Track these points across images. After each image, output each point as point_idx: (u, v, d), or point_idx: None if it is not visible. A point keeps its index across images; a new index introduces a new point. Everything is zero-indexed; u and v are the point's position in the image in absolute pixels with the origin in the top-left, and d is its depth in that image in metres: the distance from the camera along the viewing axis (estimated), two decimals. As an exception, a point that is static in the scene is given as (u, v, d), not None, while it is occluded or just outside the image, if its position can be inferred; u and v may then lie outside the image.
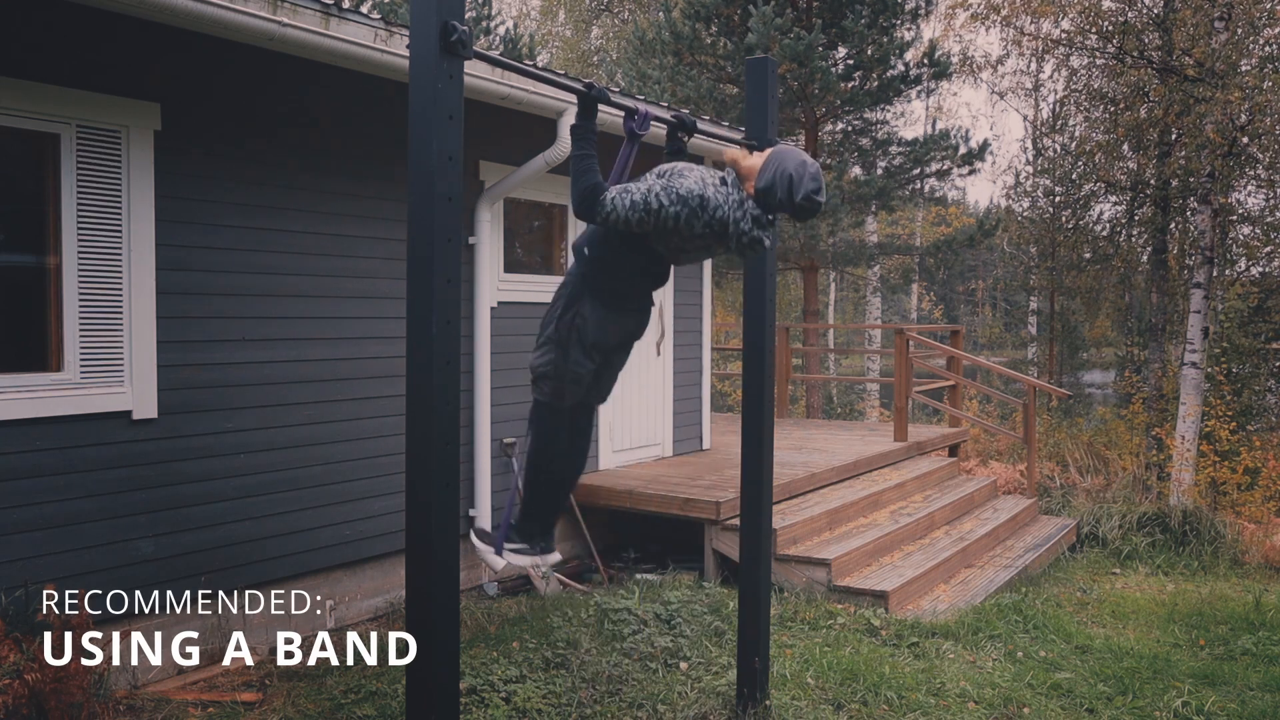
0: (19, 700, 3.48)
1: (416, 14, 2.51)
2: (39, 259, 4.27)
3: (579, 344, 3.30)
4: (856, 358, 31.17)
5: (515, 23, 24.20)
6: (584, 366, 3.33)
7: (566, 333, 3.30)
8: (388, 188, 5.61)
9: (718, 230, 3.08)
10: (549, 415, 3.43)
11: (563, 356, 3.31)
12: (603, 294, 3.29)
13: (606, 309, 3.30)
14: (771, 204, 3.11)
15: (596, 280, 3.29)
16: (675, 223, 3.05)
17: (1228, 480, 12.26)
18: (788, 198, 3.07)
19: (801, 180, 3.07)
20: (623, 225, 3.10)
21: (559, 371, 3.33)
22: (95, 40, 4.32)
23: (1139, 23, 14.40)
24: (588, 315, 3.28)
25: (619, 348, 3.44)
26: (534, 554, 3.59)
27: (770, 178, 3.09)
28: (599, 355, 3.37)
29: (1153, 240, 15.99)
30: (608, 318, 3.31)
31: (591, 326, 3.29)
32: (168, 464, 4.62)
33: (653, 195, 3.05)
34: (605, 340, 3.34)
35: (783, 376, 11.28)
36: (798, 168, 3.08)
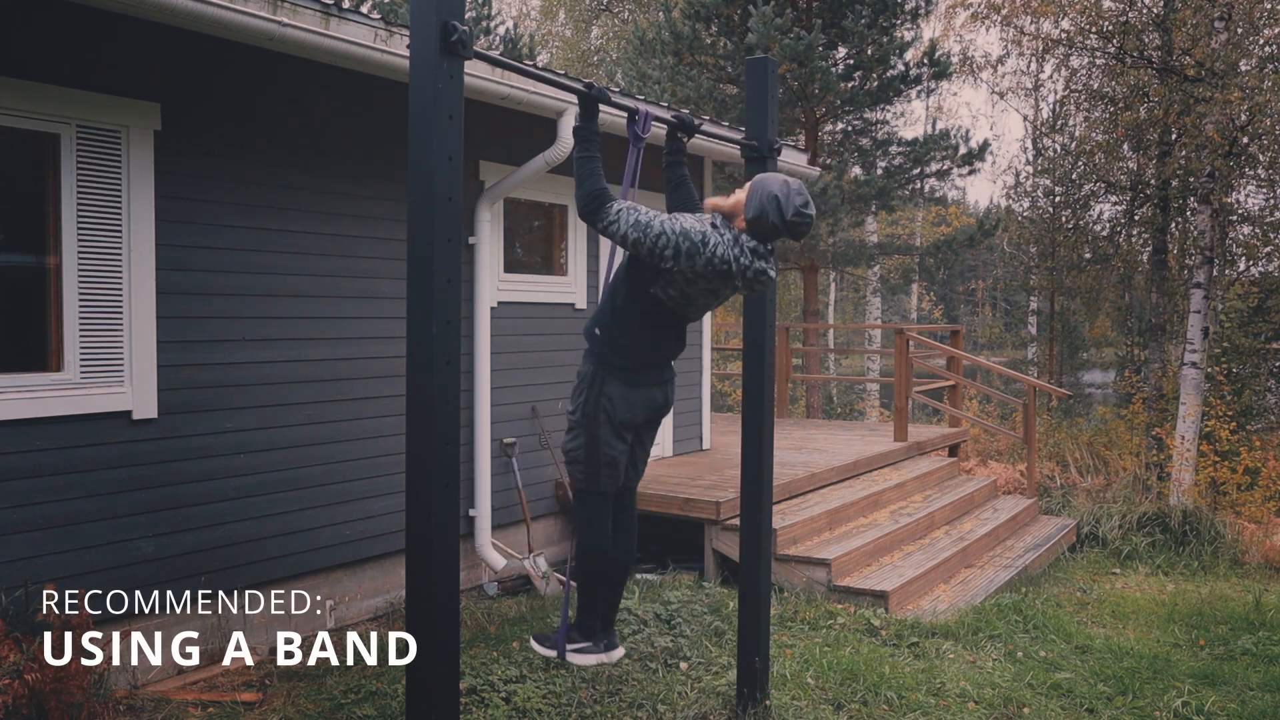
0: (19, 700, 3.48)
1: (416, 14, 2.51)
2: (39, 259, 4.27)
3: (608, 424, 3.29)
4: (856, 358, 31.18)
5: (515, 23, 24.20)
6: (616, 448, 3.32)
7: (594, 414, 3.28)
8: (388, 188, 5.61)
9: (721, 270, 3.09)
10: (591, 502, 3.41)
11: (593, 439, 3.30)
12: (623, 370, 3.27)
13: (630, 385, 3.28)
14: (766, 230, 3.13)
15: (613, 358, 3.27)
16: (675, 254, 3.04)
17: (1228, 480, 12.26)
18: (779, 218, 3.09)
19: (789, 198, 3.10)
20: (619, 240, 3.09)
21: (591, 455, 3.32)
22: (95, 40, 4.32)
23: (1139, 23, 14.41)
24: (613, 394, 3.27)
25: (648, 423, 3.43)
26: (599, 651, 3.51)
27: (758, 205, 3.11)
28: (629, 433, 3.37)
29: (1153, 240, 15.99)
30: (633, 394, 3.29)
31: (619, 405, 3.28)
32: (168, 464, 4.62)
33: (656, 220, 3.07)
34: (634, 418, 3.33)
35: (783, 376, 11.28)
36: (780, 187, 3.12)
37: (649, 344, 3.30)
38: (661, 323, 3.28)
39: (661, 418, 3.47)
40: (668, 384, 3.42)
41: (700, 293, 3.17)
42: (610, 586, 3.53)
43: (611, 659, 3.55)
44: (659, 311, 3.24)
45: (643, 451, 3.51)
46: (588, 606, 3.51)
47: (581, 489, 3.41)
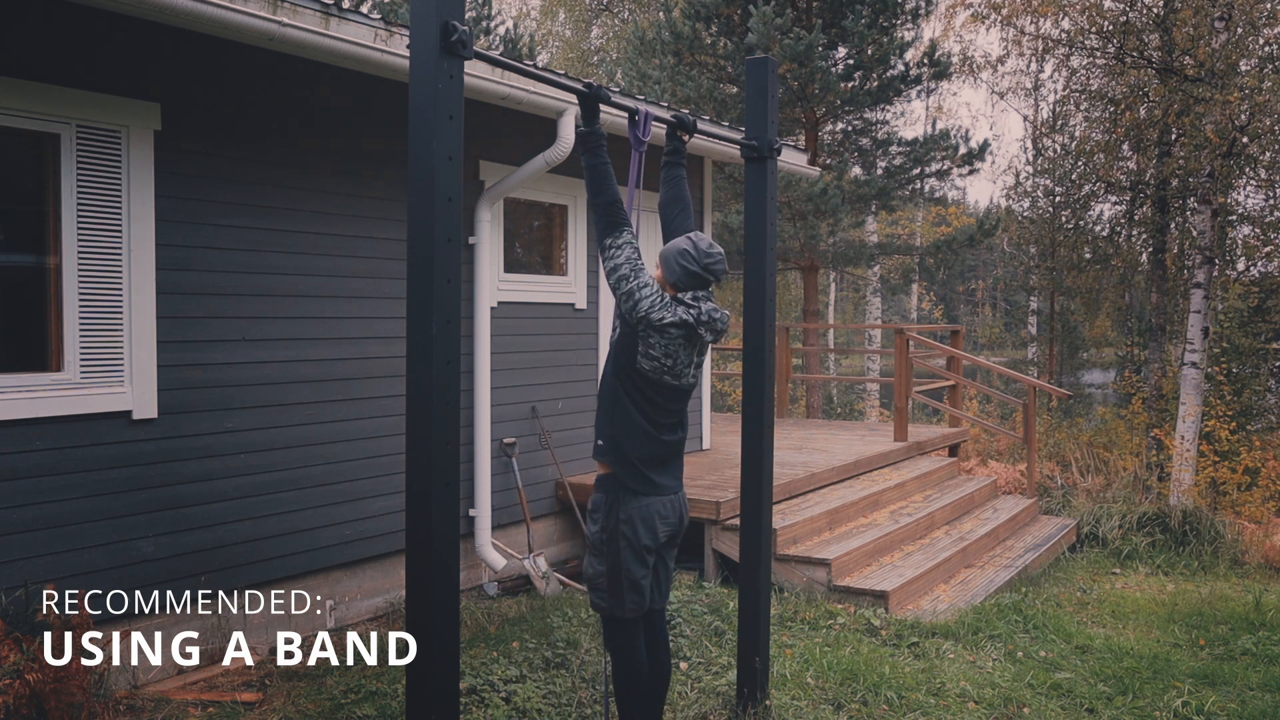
0: (19, 700, 3.48)
1: (416, 14, 2.51)
2: (39, 259, 4.27)
3: (630, 548, 3.30)
4: (856, 358, 31.18)
5: (515, 23, 24.20)
6: (638, 572, 3.33)
7: (614, 539, 3.30)
8: (388, 188, 5.61)
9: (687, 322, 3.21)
10: (620, 628, 3.42)
11: (615, 564, 3.31)
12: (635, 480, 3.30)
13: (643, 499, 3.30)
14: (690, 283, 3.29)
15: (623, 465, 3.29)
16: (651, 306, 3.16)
17: (1227, 480, 12.26)
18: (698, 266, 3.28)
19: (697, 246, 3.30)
20: (611, 267, 3.20)
21: (614, 580, 3.33)
22: (95, 40, 4.32)
23: (1139, 23, 14.41)
24: (633, 516, 3.29)
25: (669, 542, 3.44)
26: None
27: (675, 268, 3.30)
28: (652, 556, 3.38)
29: (1152, 240, 15.99)
30: (648, 510, 3.31)
31: (640, 529, 3.30)
32: (168, 464, 4.62)
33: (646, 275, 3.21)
34: (655, 539, 3.34)
35: (783, 376, 11.28)
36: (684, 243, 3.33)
37: (651, 432, 3.31)
38: (657, 403, 3.32)
39: (680, 535, 3.49)
40: (679, 494, 3.45)
41: (679, 347, 3.25)
42: (649, 710, 3.54)
43: None
44: (653, 390, 3.29)
45: (666, 572, 3.52)
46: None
47: (608, 617, 3.42)
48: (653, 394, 3.29)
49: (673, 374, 3.28)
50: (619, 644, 3.44)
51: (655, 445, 3.33)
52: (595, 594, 3.40)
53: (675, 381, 3.31)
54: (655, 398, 3.30)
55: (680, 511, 3.44)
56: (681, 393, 3.37)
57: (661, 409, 3.33)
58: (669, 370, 3.26)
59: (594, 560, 3.37)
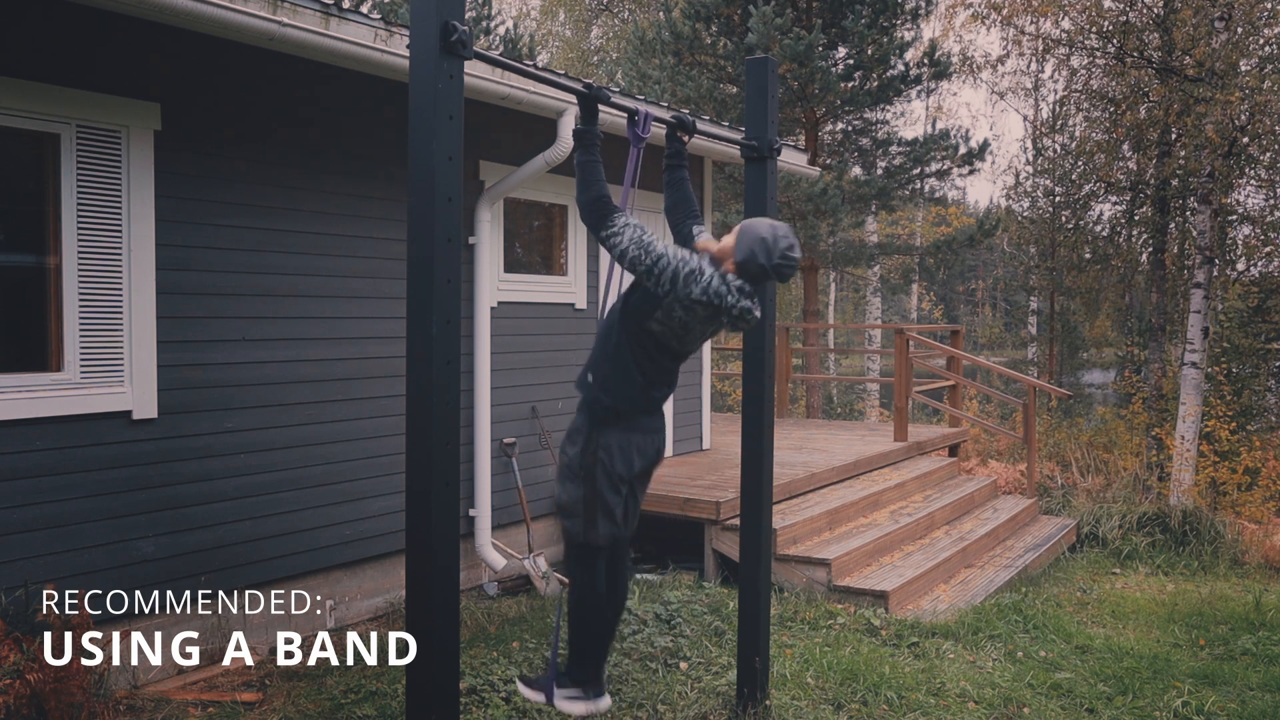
0: (19, 700, 3.48)
1: (416, 14, 2.51)
2: (39, 259, 4.27)
3: (605, 477, 3.30)
4: (856, 358, 31.18)
5: (515, 23, 24.19)
6: (612, 500, 3.33)
7: (590, 466, 3.29)
8: (388, 188, 5.61)
9: (714, 303, 3.13)
10: (586, 555, 3.42)
11: (590, 490, 3.31)
12: (618, 417, 3.28)
13: (625, 432, 3.30)
14: (753, 272, 3.20)
15: (607, 402, 3.27)
16: (674, 279, 3.08)
17: (1227, 480, 12.26)
18: (767, 260, 3.17)
19: (775, 241, 3.18)
20: (617, 253, 3.13)
21: (588, 507, 3.32)
22: (95, 40, 4.32)
23: (1139, 23, 14.41)
24: (610, 445, 3.28)
25: (642, 474, 3.44)
26: (588, 699, 3.52)
27: (747, 248, 3.18)
28: (625, 486, 3.37)
29: (1152, 240, 16.00)
30: (630, 444, 3.30)
31: (615, 457, 3.29)
32: (168, 464, 4.62)
33: (658, 243, 3.12)
34: (630, 470, 3.34)
35: (783, 376, 11.28)
36: (768, 231, 3.20)
37: (643, 384, 3.30)
38: (657, 360, 3.30)
39: (654, 469, 3.49)
40: (660, 433, 3.44)
41: (697, 321, 3.20)
42: (601, 638, 3.56)
43: (600, 708, 3.57)
44: (655, 348, 3.27)
45: (635, 504, 3.52)
46: (579, 656, 3.53)
47: (577, 543, 3.42)
48: (655, 353, 3.27)
49: (680, 341, 3.27)
50: (581, 570, 3.43)
51: (644, 399, 3.32)
52: (568, 520, 3.39)
53: (679, 347, 3.30)
54: (656, 356, 3.28)
55: (659, 447, 3.44)
56: (682, 356, 3.37)
57: (659, 367, 3.32)
58: (679, 337, 3.25)
59: (568, 486, 3.35)
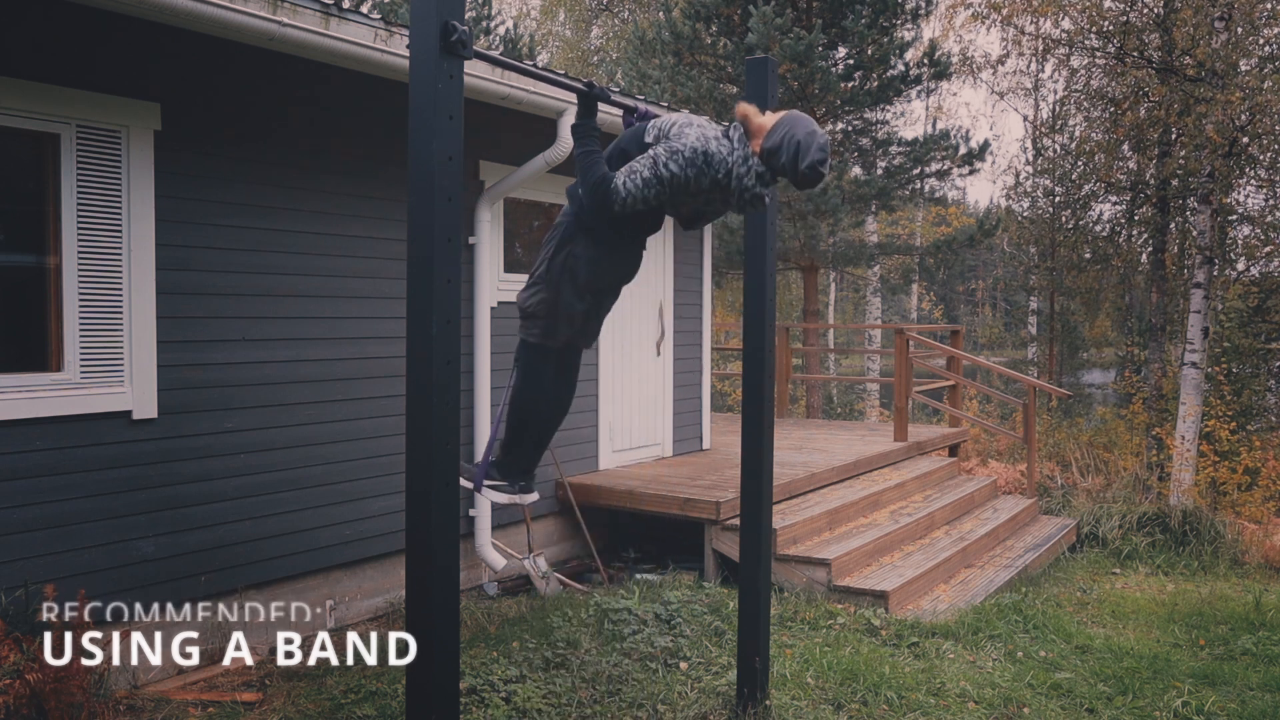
0: (19, 700, 3.48)
1: (416, 14, 2.51)
2: (39, 259, 4.27)
3: (571, 283, 3.31)
4: (856, 358, 31.18)
5: (515, 23, 24.20)
6: (575, 307, 3.34)
7: (559, 272, 3.30)
8: (388, 188, 5.61)
9: (722, 183, 3.11)
10: (537, 355, 3.45)
11: (555, 295, 3.32)
12: (596, 234, 3.28)
13: (599, 247, 3.30)
14: (775, 165, 3.11)
15: (589, 220, 3.27)
16: (686, 184, 3.09)
17: (1227, 480, 12.26)
18: (792, 163, 3.06)
19: (809, 149, 3.06)
20: (640, 205, 3.12)
21: (551, 310, 3.34)
22: (95, 40, 4.32)
23: (1139, 23, 14.41)
24: (580, 254, 3.28)
25: (610, 289, 3.45)
26: (513, 491, 3.57)
27: (779, 139, 3.09)
28: (590, 296, 3.38)
29: (1152, 240, 16.00)
30: (600, 257, 3.31)
31: (584, 266, 3.29)
32: (168, 464, 4.62)
33: (660, 165, 3.08)
34: (597, 281, 3.35)
35: (783, 376, 11.28)
36: (806, 136, 3.07)
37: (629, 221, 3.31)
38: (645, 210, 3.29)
39: (624, 285, 3.50)
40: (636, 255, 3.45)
41: (697, 203, 3.24)
42: (538, 437, 3.58)
43: (525, 500, 3.61)
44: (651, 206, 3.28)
45: (598, 316, 3.51)
46: (511, 449, 3.56)
47: (531, 343, 3.43)
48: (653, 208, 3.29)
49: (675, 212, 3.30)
50: (531, 368, 3.45)
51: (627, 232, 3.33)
52: (528, 322, 3.41)
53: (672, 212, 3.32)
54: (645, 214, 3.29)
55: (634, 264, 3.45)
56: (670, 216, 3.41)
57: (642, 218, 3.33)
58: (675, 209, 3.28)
59: (533, 290, 3.36)
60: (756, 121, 3.17)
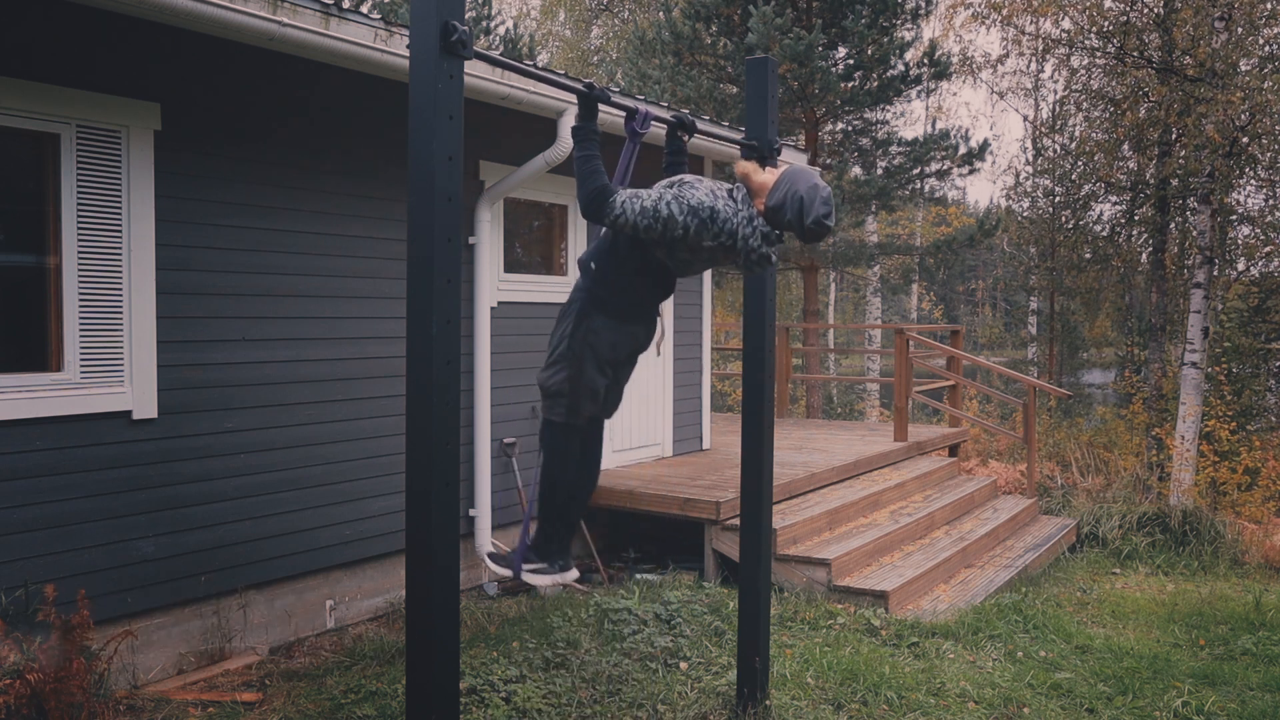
0: (19, 700, 3.48)
1: (416, 14, 2.51)
2: (39, 259, 4.27)
3: (593, 358, 3.32)
4: (856, 358, 31.18)
5: (515, 23, 24.19)
6: (598, 382, 3.36)
7: (580, 348, 3.30)
8: (388, 188, 5.61)
9: (726, 244, 3.11)
10: (562, 434, 3.43)
11: (577, 372, 3.32)
12: (612, 307, 3.31)
13: (618, 321, 3.32)
14: (780, 223, 3.15)
15: (604, 293, 3.30)
16: (685, 233, 3.07)
17: (1227, 480, 12.26)
18: (797, 219, 3.11)
19: (813, 204, 3.09)
20: (629, 230, 3.11)
21: (574, 388, 3.34)
22: (95, 40, 4.32)
23: (1139, 22, 14.41)
24: (600, 329, 3.30)
25: (628, 360, 3.47)
26: (553, 573, 3.56)
27: (781, 197, 3.12)
28: (612, 370, 3.40)
29: (1152, 240, 16.00)
30: (619, 330, 3.33)
31: (605, 341, 3.31)
32: (168, 464, 4.62)
33: (663, 203, 3.07)
34: (618, 354, 3.37)
35: (783, 376, 11.28)
36: (809, 190, 3.11)
37: (640, 288, 3.34)
38: (657, 275, 3.34)
39: (641, 353, 3.51)
40: (652, 323, 3.47)
41: (701, 260, 3.24)
42: (570, 513, 3.57)
43: (566, 579, 3.60)
44: (657, 267, 3.31)
45: (618, 388, 3.52)
46: (546, 531, 3.55)
47: (556, 422, 3.42)
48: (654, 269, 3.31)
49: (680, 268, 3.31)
50: (557, 446, 3.44)
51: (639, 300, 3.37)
52: (551, 401, 3.39)
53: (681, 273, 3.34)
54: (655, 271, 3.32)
55: (649, 333, 3.47)
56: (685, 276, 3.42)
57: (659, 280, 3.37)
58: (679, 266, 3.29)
59: (554, 369, 3.36)
60: (757, 180, 3.21)
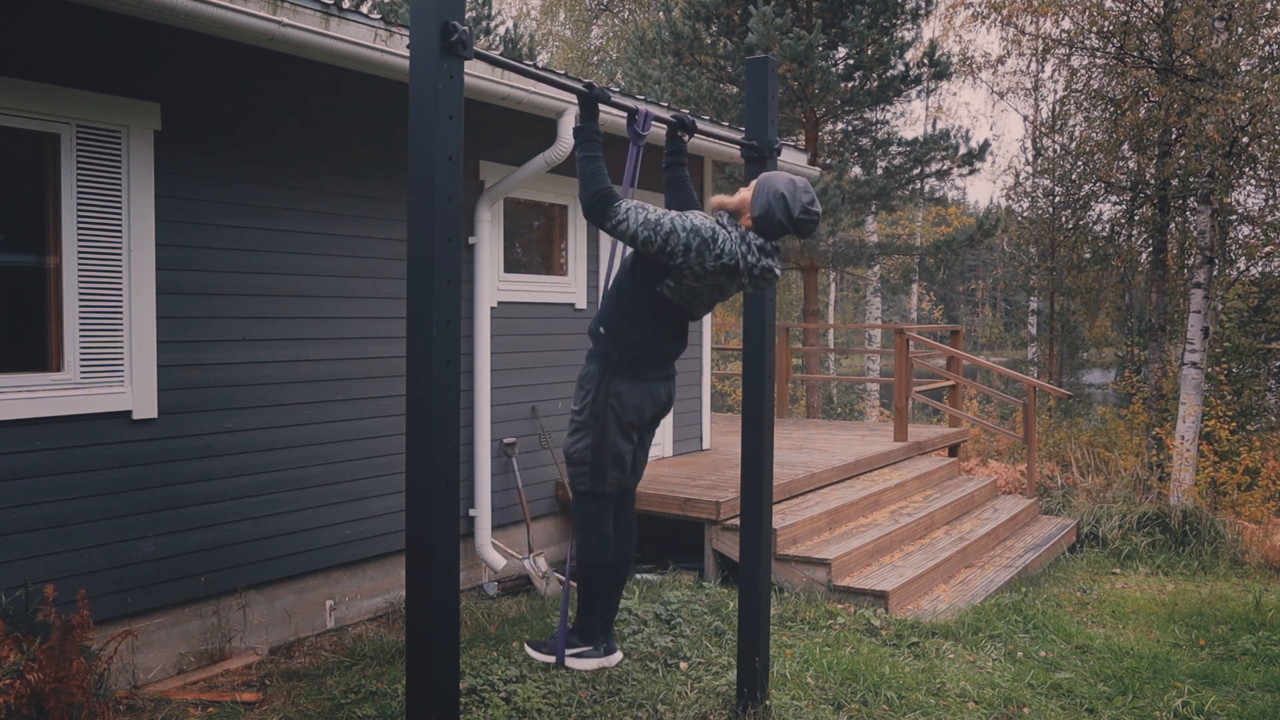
0: (20, 700, 3.48)
1: (416, 14, 2.51)
2: (39, 259, 4.27)
3: (616, 424, 3.28)
4: (856, 358, 31.18)
5: (515, 23, 24.19)
6: (623, 447, 3.32)
7: (602, 412, 3.27)
8: (387, 188, 5.61)
9: (729, 266, 3.10)
10: (594, 506, 3.39)
11: (600, 438, 3.29)
12: (630, 369, 3.28)
13: (638, 382, 3.29)
14: (772, 227, 3.16)
15: (620, 354, 3.27)
16: (686, 252, 3.05)
17: (1227, 480, 12.26)
18: (786, 216, 3.13)
19: (795, 196, 3.13)
20: (629, 239, 3.09)
21: (598, 454, 3.30)
22: (95, 40, 4.32)
23: (1139, 22, 14.41)
24: (622, 393, 3.27)
25: (652, 422, 3.43)
26: (598, 655, 3.49)
27: (764, 203, 3.15)
28: (636, 434, 3.37)
29: (1153, 240, 16.00)
30: (642, 391, 3.30)
31: (628, 405, 3.28)
32: (168, 464, 4.62)
33: (666, 219, 3.08)
34: (641, 417, 3.34)
35: (783, 376, 11.28)
36: (787, 186, 3.15)
37: (653, 341, 3.30)
38: (666, 320, 3.30)
39: (664, 416, 3.48)
40: (670, 380, 3.44)
41: (707, 289, 3.19)
42: (610, 590, 3.51)
43: (610, 662, 3.53)
44: (664, 309, 3.26)
45: (644, 452, 3.52)
46: (587, 610, 3.49)
47: (584, 491, 3.38)
48: (662, 313, 3.27)
49: (689, 305, 3.26)
50: (591, 519, 3.39)
51: (656, 354, 3.33)
52: (576, 469, 3.35)
53: (690, 310, 3.30)
54: (667, 316, 3.28)
55: (670, 394, 3.44)
56: (691, 318, 3.37)
57: (671, 326, 3.33)
58: (686, 302, 3.24)
59: (578, 436, 3.32)
60: (734, 202, 3.25)
